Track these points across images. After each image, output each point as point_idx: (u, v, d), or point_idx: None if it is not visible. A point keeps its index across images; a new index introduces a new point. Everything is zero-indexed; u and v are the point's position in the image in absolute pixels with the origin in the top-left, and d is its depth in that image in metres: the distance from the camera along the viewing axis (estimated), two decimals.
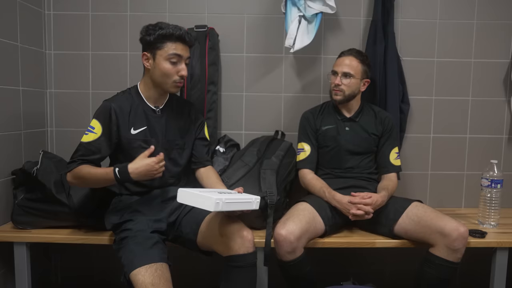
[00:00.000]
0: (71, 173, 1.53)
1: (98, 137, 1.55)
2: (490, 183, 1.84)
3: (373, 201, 1.67)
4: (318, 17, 2.00)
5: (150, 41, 1.55)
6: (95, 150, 1.54)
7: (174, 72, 1.57)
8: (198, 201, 1.36)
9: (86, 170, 1.50)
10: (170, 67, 1.56)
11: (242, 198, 1.46)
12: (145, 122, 1.62)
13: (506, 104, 2.22)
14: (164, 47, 1.55)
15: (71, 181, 1.55)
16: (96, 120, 1.56)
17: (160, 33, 1.53)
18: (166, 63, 1.55)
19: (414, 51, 2.18)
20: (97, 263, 2.24)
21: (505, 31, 2.18)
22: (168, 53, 1.54)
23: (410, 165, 2.23)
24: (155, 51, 1.56)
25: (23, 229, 1.75)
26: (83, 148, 1.54)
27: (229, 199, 1.38)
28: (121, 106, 1.59)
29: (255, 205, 1.48)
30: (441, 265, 1.59)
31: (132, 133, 1.60)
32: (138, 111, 1.62)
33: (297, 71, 2.19)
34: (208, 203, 1.33)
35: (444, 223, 1.59)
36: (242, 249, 1.47)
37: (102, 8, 2.13)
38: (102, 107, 1.59)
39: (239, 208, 1.44)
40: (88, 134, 1.55)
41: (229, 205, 1.38)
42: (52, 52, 2.15)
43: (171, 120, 1.68)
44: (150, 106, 1.64)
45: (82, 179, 1.51)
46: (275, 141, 2.05)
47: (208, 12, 2.15)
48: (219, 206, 1.33)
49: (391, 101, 2.06)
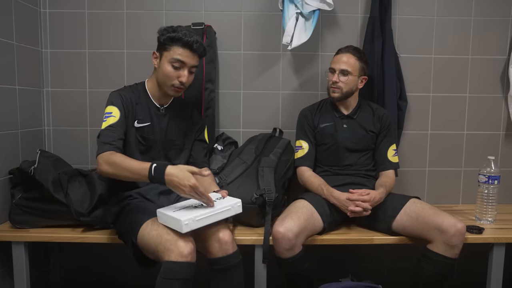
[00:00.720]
0: (102, 156, 1.43)
1: (119, 119, 1.53)
2: (487, 179, 1.85)
3: (371, 198, 1.68)
4: (316, 14, 1.99)
5: (160, 41, 1.57)
6: (119, 132, 1.50)
7: (175, 76, 1.57)
8: (171, 223, 1.37)
9: (119, 157, 1.43)
10: (171, 70, 1.56)
11: (218, 208, 1.42)
12: (149, 118, 1.63)
13: (503, 100, 2.22)
14: (170, 50, 1.55)
15: (102, 166, 1.43)
16: (112, 105, 1.55)
17: (170, 35, 1.54)
18: (168, 66, 1.56)
19: (412, 48, 2.18)
20: (96, 262, 2.23)
21: (503, 27, 2.18)
22: (172, 57, 1.55)
23: (408, 162, 2.23)
24: (162, 51, 1.58)
25: (21, 228, 1.75)
26: (107, 132, 1.50)
27: (201, 215, 1.36)
28: (128, 97, 1.60)
29: (236, 209, 1.47)
30: (439, 261, 1.60)
31: (135, 126, 1.61)
32: (143, 106, 1.63)
33: (295, 69, 2.19)
34: (178, 225, 1.34)
35: (441, 219, 1.60)
36: (220, 252, 1.45)
37: (99, 6, 2.12)
38: (114, 95, 1.59)
39: (215, 219, 1.42)
40: (107, 119, 1.52)
41: (202, 221, 1.37)
42: (49, 51, 2.14)
43: (174, 120, 1.69)
44: (155, 104, 1.66)
45: (115, 165, 1.42)
46: (273, 139, 2.05)
47: (205, 9, 2.14)
48: (188, 226, 1.33)
49: (389, 98, 2.06)
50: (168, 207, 1.45)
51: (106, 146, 1.46)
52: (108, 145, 1.46)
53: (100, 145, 1.48)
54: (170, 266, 1.31)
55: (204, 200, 1.40)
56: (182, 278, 1.31)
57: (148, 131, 1.63)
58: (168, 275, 1.31)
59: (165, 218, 1.40)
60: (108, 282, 2.25)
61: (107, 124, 1.52)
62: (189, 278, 1.33)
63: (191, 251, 1.33)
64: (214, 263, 1.47)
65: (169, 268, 1.31)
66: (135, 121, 1.61)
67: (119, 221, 1.57)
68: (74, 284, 2.25)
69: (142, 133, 1.62)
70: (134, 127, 1.61)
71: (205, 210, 1.40)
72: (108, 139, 1.48)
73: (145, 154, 1.64)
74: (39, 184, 1.72)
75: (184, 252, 1.31)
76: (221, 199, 1.50)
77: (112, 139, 1.48)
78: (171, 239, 1.33)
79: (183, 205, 1.47)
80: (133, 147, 1.61)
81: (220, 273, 1.47)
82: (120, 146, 1.50)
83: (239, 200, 1.49)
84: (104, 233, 1.71)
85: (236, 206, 1.47)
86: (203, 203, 1.43)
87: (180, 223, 1.33)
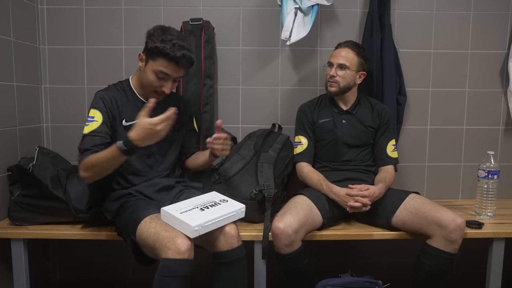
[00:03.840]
0: (81, 167, 1.47)
1: (101, 124, 1.53)
2: (487, 174, 1.85)
3: (371, 193, 1.67)
4: (314, 9, 1.98)
5: (148, 47, 1.55)
6: (100, 138, 1.51)
7: (158, 85, 1.56)
8: (177, 224, 1.38)
9: (92, 157, 1.45)
10: (155, 80, 1.55)
11: (224, 214, 1.45)
12: (137, 115, 1.61)
13: (503, 95, 2.22)
14: (156, 61, 1.53)
15: (83, 175, 1.48)
16: (94, 109, 1.55)
17: (158, 47, 1.50)
18: (152, 75, 1.55)
19: (411, 43, 2.17)
20: (95, 259, 2.23)
21: (502, 21, 2.17)
22: (157, 68, 1.53)
23: (407, 157, 2.23)
24: (148, 59, 1.55)
25: (20, 225, 1.75)
26: (88, 139, 1.51)
27: (209, 221, 1.38)
28: (114, 97, 1.59)
29: (240, 215, 1.50)
30: (439, 256, 1.60)
31: (124, 124, 1.60)
32: (130, 104, 1.62)
33: (294, 64, 2.18)
34: (186, 229, 1.35)
35: (441, 214, 1.60)
36: (226, 245, 1.46)
37: (96, 2, 2.11)
38: (97, 97, 1.58)
39: (221, 224, 1.44)
40: (89, 124, 1.53)
41: (209, 226, 1.39)
42: (46, 47, 2.13)
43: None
44: (142, 100, 1.65)
45: (92, 167, 1.45)
46: (272, 134, 2.04)
47: (203, 5, 2.13)
48: (197, 232, 1.35)
49: (388, 93, 2.06)
50: (172, 207, 1.44)
51: (86, 153, 1.48)
52: (87, 151, 1.48)
53: (81, 153, 1.49)
54: (167, 264, 1.30)
55: (167, 121, 1.40)
56: (180, 275, 1.30)
57: None
58: (165, 273, 1.30)
59: (170, 218, 1.40)
60: (108, 279, 2.25)
61: (90, 129, 1.52)
62: (187, 275, 1.32)
63: (189, 248, 1.33)
64: (218, 256, 1.47)
65: (167, 266, 1.30)
66: (123, 120, 1.60)
67: (118, 218, 1.57)
68: (73, 280, 2.25)
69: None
70: (123, 127, 1.60)
71: (211, 215, 1.41)
72: (88, 145, 1.49)
73: (137, 152, 1.63)
74: (37, 181, 1.72)
75: (182, 249, 1.30)
76: (225, 203, 1.51)
77: (92, 145, 1.49)
78: (168, 236, 1.33)
79: (187, 205, 1.47)
80: None
81: (224, 266, 1.46)
82: (100, 151, 1.50)
83: (243, 206, 1.51)
84: (103, 230, 1.71)
85: (240, 211, 1.50)
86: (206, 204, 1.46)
87: (191, 228, 1.33)
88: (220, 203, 1.50)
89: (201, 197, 1.55)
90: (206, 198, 1.54)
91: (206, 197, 1.56)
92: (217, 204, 1.50)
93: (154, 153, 1.67)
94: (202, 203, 1.48)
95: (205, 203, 1.49)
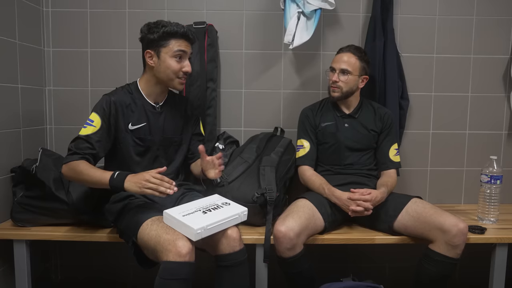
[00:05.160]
0: (68, 165, 1.48)
1: (97, 130, 1.53)
2: (489, 179, 1.84)
3: (373, 197, 1.67)
4: (317, 13, 1.99)
5: (153, 39, 1.56)
6: (93, 143, 1.52)
7: (179, 68, 1.58)
8: (180, 227, 1.38)
9: (83, 167, 1.46)
10: (175, 63, 1.57)
11: (227, 217, 1.45)
12: (145, 119, 1.63)
13: (505, 100, 2.22)
14: (169, 45, 1.56)
15: (65, 172, 1.50)
16: (95, 113, 1.56)
17: (165, 30, 1.54)
18: (171, 60, 1.57)
19: (414, 47, 2.17)
20: (97, 260, 2.24)
21: (505, 26, 2.17)
22: (174, 50, 1.56)
23: (410, 161, 2.22)
24: (159, 48, 1.57)
25: (22, 226, 1.75)
26: (81, 141, 1.52)
27: (212, 224, 1.38)
28: (120, 100, 1.59)
29: (242, 218, 1.51)
30: (441, 261, 1.59)
31: (130, 128, 1.60)
32: (137, 107, 1.62)
33: (296, 68, 2.19)
34: (189, 232, 1.35)
35: (443, 219, 1.59)
36: (228, 248, 1.46)
37: (101, 5, 2.12)
38: (102, 101, 1.59)
39: (223, 227, 1.45)
40: (87, 127, 1.53)
41: (212, 229, 1.39)
42: (51, 50, 2.15)
43: (170, 117, 1.69)
44: (150, 103, 1.65)
45: (77, 174, 1.47)
46: (275, 138, 2.05)
47: (206, 8, 2.14)
48: (200, 235, 1.35)
49: (391, 97, 2.06)
50: (175, 209, 1.44)
51: (74, 157, 1.49)
52: (77, 155, 1.49)
53: (69, 154, 1.50)
54: (168, 266, 1.30)
55: (164, 186, 1.39)
56: (181, 278, 1.30)
57: (145, 132, 1.62)
58: (166, 276, 1.30)
59: (172, 221, 1.40)
60: (109, 280, 2.25)
61: (85, 133, 1.53)
62: (188, 278, 1.32)
63: (190, 250, 1.32)
64: (220, 259, 1.47)
65: (168, 268, 1.30)
66: (129, 123, 1.60)
67: (120, 220, 1.57)
68: (75, 282, 2.25)
69: (138, 134, 1.62)
70: (129, 130, 1.60)
71: (214, 218, 1.41)
72: (78, 149, 1.50)
73: (143, 156, 1.64)
74: (40, 182, 1.72)
75: (183, 251, 1.30)
76: (227, 206, 1.52)
77: (80, 150, 1.50)
78: (169, 238, 1.33)
79: (189, 208, 1.47)
80: (130, 151, 1.61)
81: (226, 269, 1.46)
82: (90, 158, 1.52)
83: (246, 209, 1.51)
84: (105, 232, 1.71)
85: (243, 214, 1.51)
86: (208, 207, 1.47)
87: (193, 231, 1.33)
88: (222, 206, 1.51)
89: (203, 200, 1.55)
90: (208, 201, 1.55)
91: (208, 200, 1.56)
92: (219, 207, 1.50)
93: (159, 157, 1.68)
94: (204, 206, 1.49)
95: (208, 206, 1.49)
